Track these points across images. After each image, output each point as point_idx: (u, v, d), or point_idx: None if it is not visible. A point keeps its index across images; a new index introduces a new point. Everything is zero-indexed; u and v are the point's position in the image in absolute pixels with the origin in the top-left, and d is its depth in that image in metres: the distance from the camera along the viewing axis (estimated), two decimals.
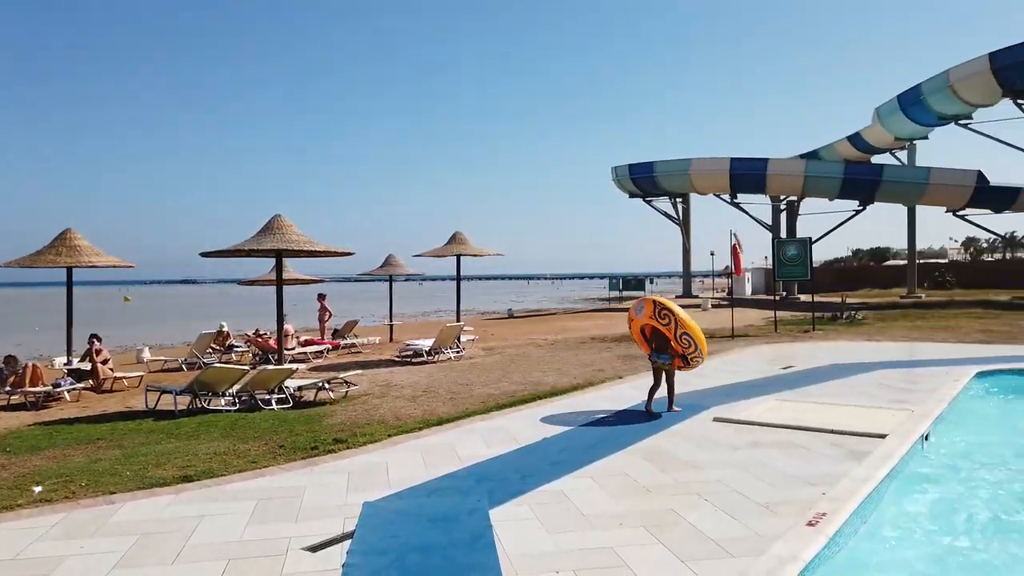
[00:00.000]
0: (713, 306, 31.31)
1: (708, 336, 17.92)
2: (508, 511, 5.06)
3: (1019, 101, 27.39)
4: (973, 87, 27.49)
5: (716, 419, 7.89)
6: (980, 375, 10.37)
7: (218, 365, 10.95)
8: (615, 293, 46.29)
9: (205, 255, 11.45)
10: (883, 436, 6.73)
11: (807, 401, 8.80)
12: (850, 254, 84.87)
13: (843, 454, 6.27)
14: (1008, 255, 52.67)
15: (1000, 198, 30.95)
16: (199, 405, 9.80)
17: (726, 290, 31.32)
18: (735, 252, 18.41)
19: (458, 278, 18.29)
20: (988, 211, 31.97)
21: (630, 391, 9.93)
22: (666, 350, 8.29)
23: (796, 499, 5.10)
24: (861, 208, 33.39)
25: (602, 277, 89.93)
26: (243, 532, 4.75)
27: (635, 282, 47.79)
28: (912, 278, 38.17)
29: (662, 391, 8.44)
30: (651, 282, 53.67)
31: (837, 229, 35.42)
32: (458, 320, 17.99)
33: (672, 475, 5.85)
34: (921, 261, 47.41)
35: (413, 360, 14.99)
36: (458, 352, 15.71)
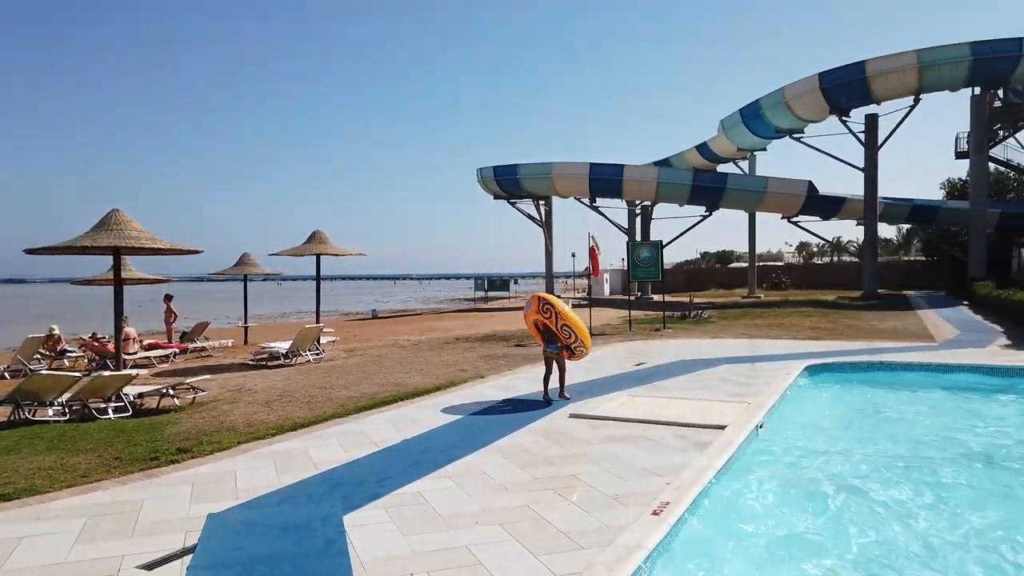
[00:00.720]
0: (573, 306, 32.26)
1: None
2: (363, 515, 4.96)
3: (843, 118, 30.18)
4: (805, 104, 30.01)
5: (572, 415, 8.13)
6: (809, 368, 11.31)
7: (45, 372, 10.01)
8: (481, 293, 46.69)
9: (31, 252, 10.43)
10: (723, 427, 7.19)
11: (656, 396, 9.25)
12: (699, 256, 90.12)
13: (687, 445, 6.64)
14: (835, 258, 57.99)
15: (827, 206, 33.98)
16: (22, 416, 8.91)
17: (586, 290, 32.43)
18: (593, 254, 19.05)
19: (318, 278, 17.77)
20: (817, 218, 35.02)
21: (491, 390, 10.03)
22: (555, 341, 8.99)
23: (643, 490, 5.34)
24: (708, 213, 35.56)
25: (468, 277, 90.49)
26: (69, 553, 4.36)
27: (500, 283, 48.43)
28: (752, 279, 41.16)
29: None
30: (515, 282, 54.59)
31: (687, 233, 37.63)
32: (318, 321, 17.45)
33: (529, 472, 5.96)
34: (760, 263, 51.23)
35: (269, 363, 14.39)
36: (318, 354, 15.25)
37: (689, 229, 37.25)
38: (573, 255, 27.68)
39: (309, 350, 15.09)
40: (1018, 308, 16.47)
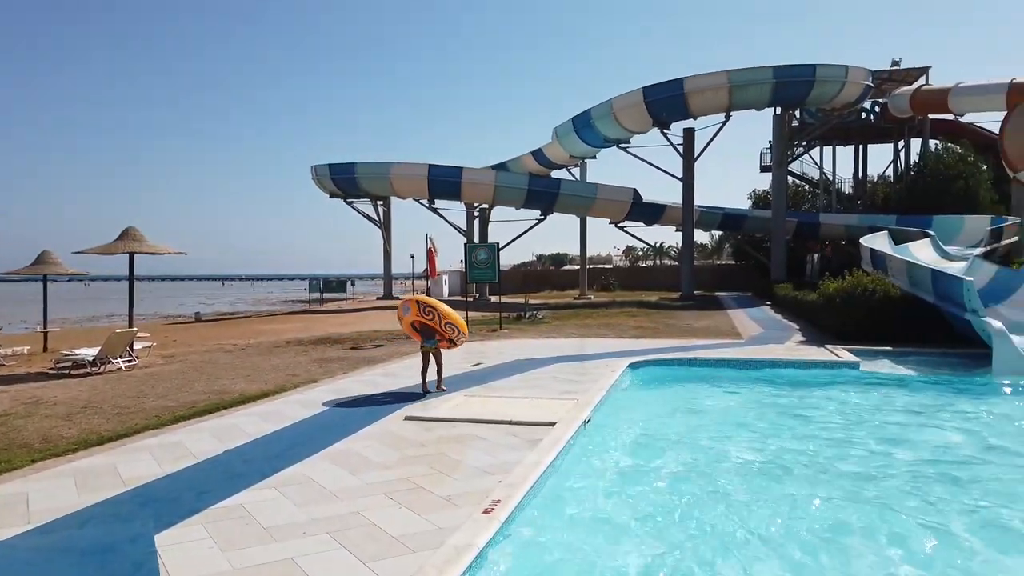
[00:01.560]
0: None
1: (406, 337, 18.25)
2: (178, 533, 4.63)
3: (664, 131, 32.29)
4: (630, 115, 31.79)
5: (407, 418, 8.07)
6: (632, 365, 11.98)
7: None
8: (316, 295, 45.19)
9: None
10: (553, 424, 7.44)
11: (492, 396, 9.41)
12: (535, 259, 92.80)
13: (519, 443, 6.80)
14: (658, 262, 61.89)
15: (650, 213, 36.22)
16: None
17: (426, 292, 32.46)
18: (431, 255, 19.05)
19: (131, 278, 16.37)
20: (642, 224, 37.25)
21: (325, 395, 9.73)
22: (432, 336, 9.69)
23: (476, 490, 5.40)
24: (543, 217, 36.71)
25: (303, 278, 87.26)
26: None
27: (336, 284, 47.14)
28: (583, 281, 43.03)
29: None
30: (352, 284, 53.39)
31: (523, 236, 38.66)
32: (131, 325, 16.08)
33: (361, 477, 5.84)
34: (592, 266, 53.66)
35: (72, 372, 13.06)
36: (131, 361, 14.04)
37: (525, 232, 38.27)
38: (412, 256, 27.59)
39: (121, 357, 13.87)
40: (810, 307, 18.41)
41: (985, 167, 33.43)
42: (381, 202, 40.98)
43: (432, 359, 9.83)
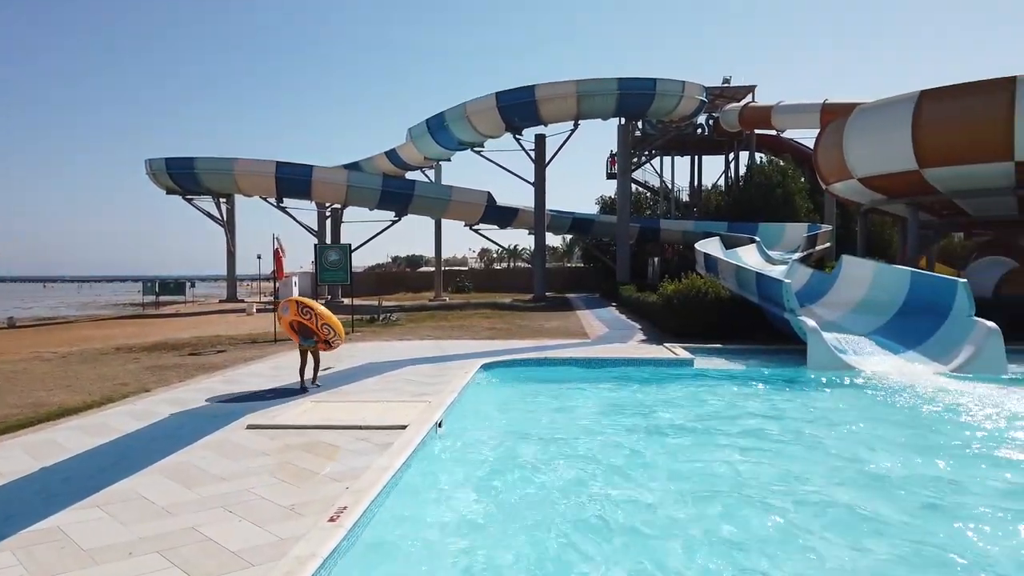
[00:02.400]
0: (259, 310, 30.73)
1: (251, 341, 17.44)
2: None
3: (517, 136, 32.99)
4: (484, 120, 32.20)
5: (250, 426, 7.72)
6: (485, 366, 12.14)
7: None
8: (151, 297, 42.13)
9: None
10: (404, 427, 7.40)
11: (341, 401, 9.20)
12: (390, 260, 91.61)
13: (369, 448, 6.70)
14: (511, 264, 63.08)
15: (504, 216, 36.87)
16: None
17: (274, 294, 31.09)
18: (277, 256, 18.34)
19: None
20: (495, 226, 37.84)
21: (159, 405, 9.09)
22: (310, 336, 9.98)
23: (322, 497, 5.27)
24: (397, 218, 36.37)
25: (136, 280, 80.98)
26: None
27: (174, 285, 44.23)
28: (439, 283, 43.06)
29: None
30: (192, 285, 50.28)
31: (378, 237, 38.13)
32: None
33: (196, 491, 5.52)
34: (447, 268, 53.82)
35: None
36: None
37: (379, 233, 37.74)
38: (259, 257, 26.29)
39: None
40: (650, 308, 19.48)
41: (803, 179, 36.88)
42: (224, 199, 38.89)
43: (310, 357, 10.24)
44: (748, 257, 22.79)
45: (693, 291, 16.25)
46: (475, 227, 37.14)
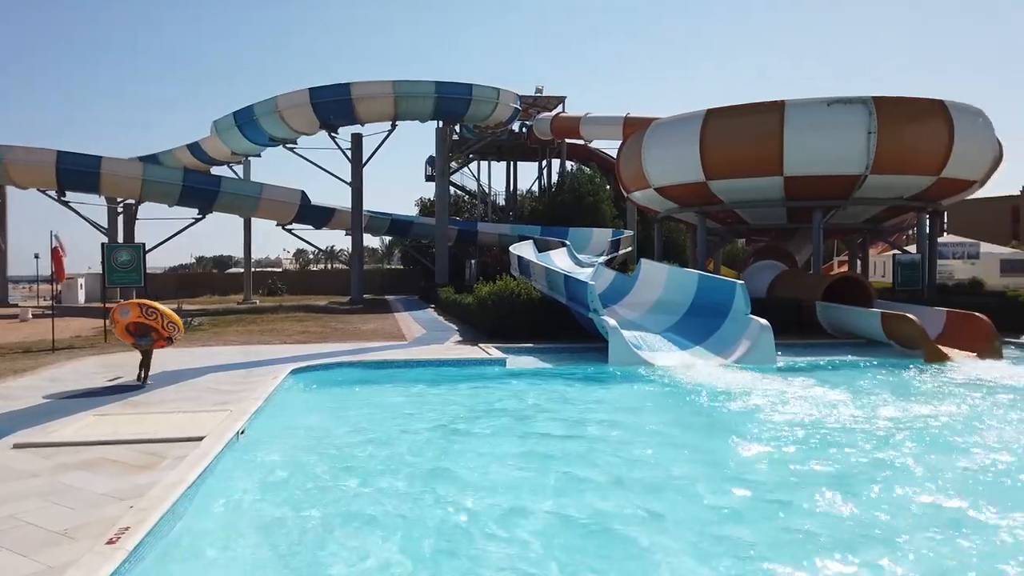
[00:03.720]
0: (35, 316, 27.42)
1: (24, 351, 15.58)
2: None
3: (332, 134, 32.16)
4: (297, 116, 31.05)
5: (17, 445, 6.88)
6: (295, 371, 11.71)
7: None
8: None
9: None
10: (201, 438, 6.95)
11: (131, 413, 8.47)
12: (194, 261, 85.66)
13: (159, 462, 6.22)
14: (328, 265, 61.37)
15: (319, 216, 35.76)
16: None
17: (55, 297, 27.85)
18: (57, 256, 16.50)
19: None
20: (311, 227, 36.62)
21: None
22: (148, 335, 10.42)
23: (101, 519, 4.82)
24: (201, 216, 34.08)
25: None
26: None
27: None
28: (248, 285, 40.82)
29: None
30: None
31: (180, 235, 35.45)
32: None
33: None
34: (259, 269, 51.27)
35: None
36: None
37: (180, 232, 35.12)
38: (36, 256, 23.42)
39: None
40: (467, 309, 19.80)
41: (608, 187, 39.27)
42: None
43: (144, 356, 10.65)
44: (559, 260, 23.83)
45: (507, 293, 16.73)
46: (289, 227, 35.67)
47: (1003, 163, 21.63)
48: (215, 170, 40.62)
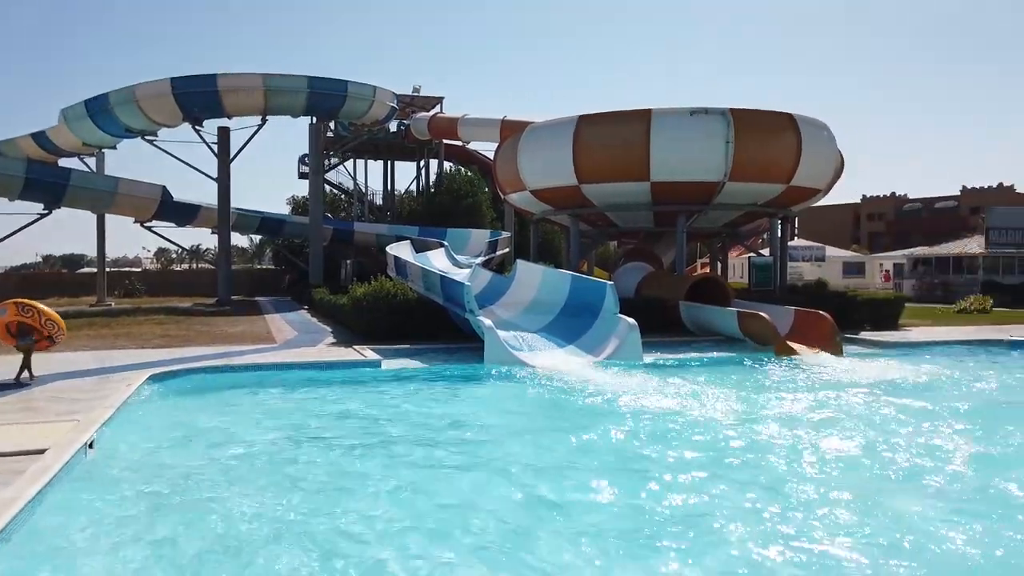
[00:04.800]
0: None
1: None
2: None
3: (197, 127, 30.55)
4: (157, 106, 29.26)
5: None
6: (153, 377, 11.04)
7: None
8: None
9: None
10: (43, 451, 6.44)
11: None
12: (41, 260, 79.13)
13: None
14: (194, 265, 58.26)
15: (183, 213, 33.88)
16: None
17: None
18: None
19: None
20: (174, 224, 34.63)
21: None
22: (30, 335, 10.32)
23: None
24: (47, 211, 31.46)
25: None
26: None
27: None
28: (102, 286, 38.06)
29: None
30: None
31: (21, 232, 32.50)
32: None
33: None
34: (115, 269, 47.92)
35: None
36: None
37: (23, 228, 32.26)
38: None
39: None
40: (341, 310, 19.39)
41: (487, 188, 39.59)
42: None
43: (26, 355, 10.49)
44: (437, 261, 23.79)
45: (382, 293, 16.53)
46: (149, 224, 33.57)
47: (844, 173, 23.68)
48: (64, 162, 37.55)
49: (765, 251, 25.99)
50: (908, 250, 42.35)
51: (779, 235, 23.43)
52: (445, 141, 42.59)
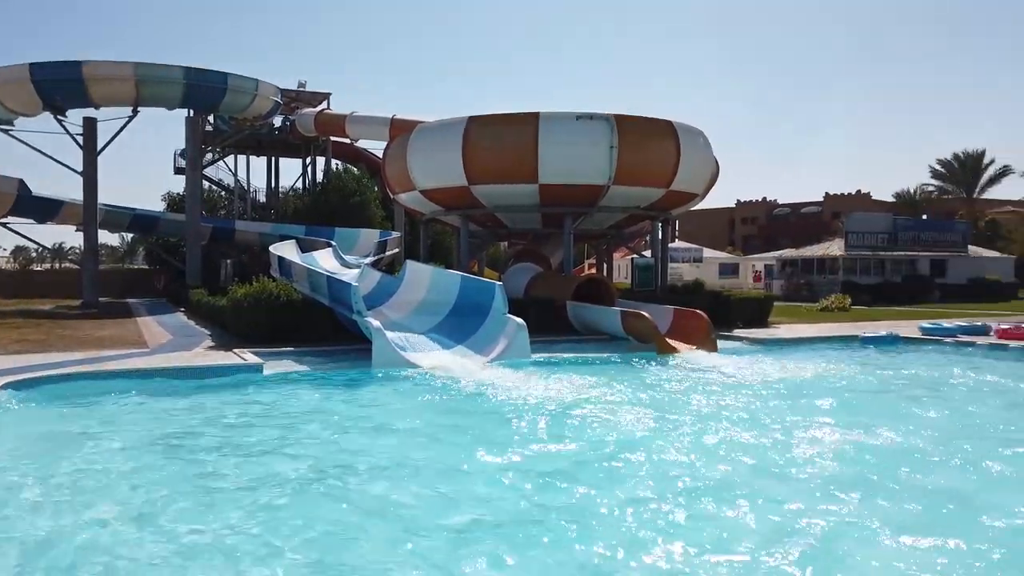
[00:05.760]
0: None
1: None
2: None
3: (59, 117, 28.43)
4: (13, 93, 27.06)
5: None
6: (9, 385, 10.19)
7: None
8: None
9: None
10: None
11: None
12: None
13: None
14: (56, 265, 54.10)
15: (43, 209, 31.50)
16: None
17: None
18: None
19: None
20: (33, 221, 32.08)
21: None
22: None
23: None
24: None
25: None
26: None
27: None
28: None
29: None
30: None
31: None
32: None
33: None
34: None
35: None
36: None
37: None
38: None
39: None
40: (220, 312, 18.57)
41: (376, 187, 38.99)
42: None
43: None
44: (324, 261, 23.23)
45: (265, 294, 15.96)
46: (4, 221, 30.97)
47: (719, 179, 24.95)
48: None
49: (648, 252, 26.99)
50: (777, 252, 45.20)
51: (660, 237, 24.40)
52: (333, 139, 41.63)
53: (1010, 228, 51.72)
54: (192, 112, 31.61)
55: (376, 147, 42.10)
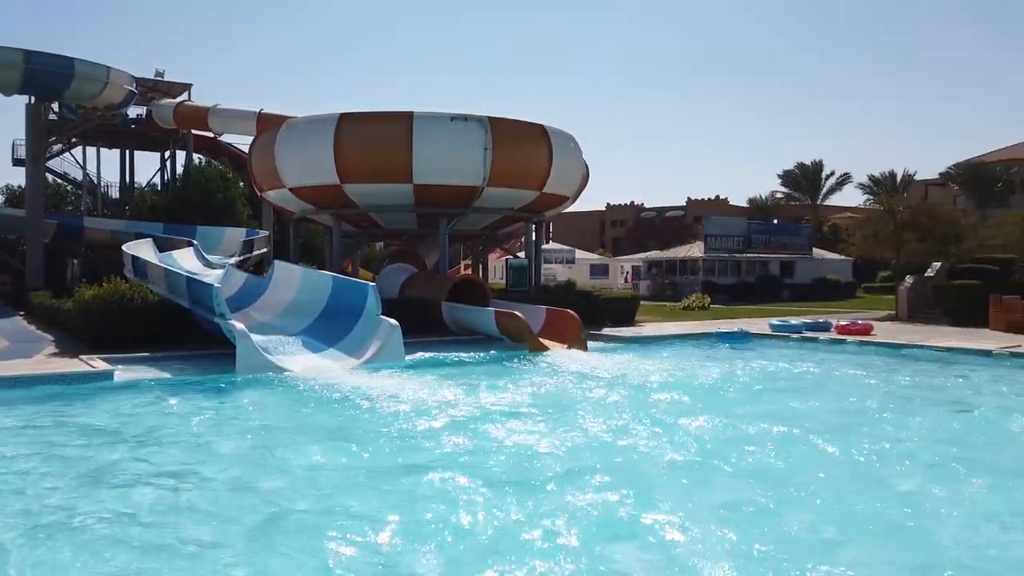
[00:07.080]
0: None
1: None
2: None
3: None
4: None
5: None
6: None
7: None
8: None
9: None
10: None
11: None
12: None
13: None
14: None
15: None
16: None
17: None
18: None
19: None
20: None
21: None
22: None
23: None
24: None
25: None
26: None
27: None
28: None
29: None
30: None
31: None
32: None
33: None
34: None
35: None
36: None
37: None
38: None
39: None
40: (67, 315, 17.17)
41: (242, 184, 37.25)
42: None
43: None
44: (184, 261, 22.00)
45: (116, 296, 14.89)
46: None
47: (590, 183, 25.74)
48: None
49: (522, 254, 27.43)
50: (644, 254, 47.22)
51: (534, 239, 24.86)
52: (195, 132, 39.42)
53: (849, 232, 56.58)
54: (33, 99, 29.04)
55: (241, 142, 40.34)
